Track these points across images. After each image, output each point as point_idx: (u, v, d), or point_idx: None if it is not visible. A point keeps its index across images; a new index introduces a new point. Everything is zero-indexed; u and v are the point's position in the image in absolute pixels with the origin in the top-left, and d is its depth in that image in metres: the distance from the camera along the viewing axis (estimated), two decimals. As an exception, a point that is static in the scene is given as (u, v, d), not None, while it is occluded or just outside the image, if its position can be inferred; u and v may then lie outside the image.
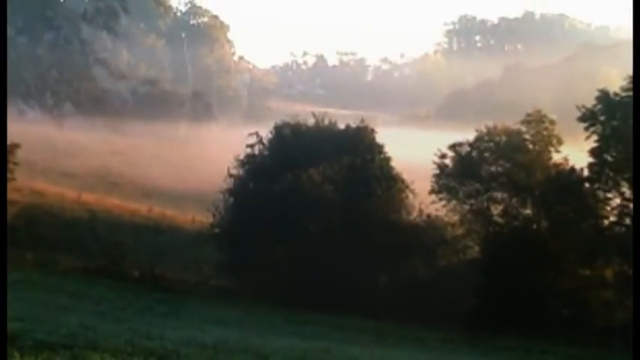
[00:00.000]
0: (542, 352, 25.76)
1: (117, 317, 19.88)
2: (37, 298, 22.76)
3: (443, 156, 42.30)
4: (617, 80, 51.29)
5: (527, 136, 42.24)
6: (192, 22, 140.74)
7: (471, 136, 42.60)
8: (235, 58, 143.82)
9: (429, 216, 42.13)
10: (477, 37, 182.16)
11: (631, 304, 37.91)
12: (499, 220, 41.45)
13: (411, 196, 42.62)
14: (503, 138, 42.08)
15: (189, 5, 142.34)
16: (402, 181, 42.69)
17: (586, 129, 40.39)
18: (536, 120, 42.61)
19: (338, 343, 19.52)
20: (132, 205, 63.61)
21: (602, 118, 40.00)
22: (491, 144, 42.11)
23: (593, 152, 40.01)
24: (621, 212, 39.14)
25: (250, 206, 40.49)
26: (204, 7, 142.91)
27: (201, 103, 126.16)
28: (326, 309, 32.75)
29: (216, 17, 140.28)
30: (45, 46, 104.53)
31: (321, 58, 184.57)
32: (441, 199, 41.75)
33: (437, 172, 42.23)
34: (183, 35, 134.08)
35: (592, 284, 38.70)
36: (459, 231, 41.88)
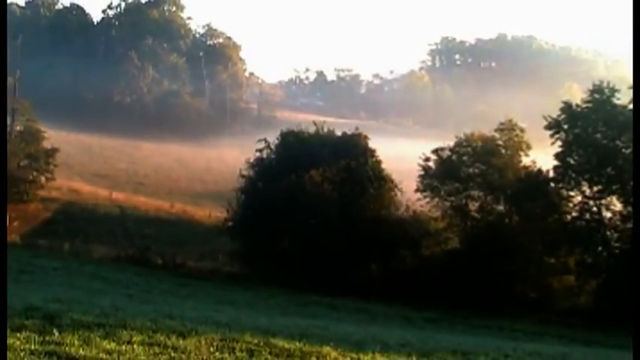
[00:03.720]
0: (512, 330, 25.71)
1: (143, 299, 19.86)
2: (74, 283, 22.75)
3: (427, 159, 42.31)
4: (578, 93, 51.25)
5: (500, 142, 42.24)
6: (209, 42, 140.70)
7: (451, 142, 42.60)
8: (246, 74, 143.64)
9: (414, 212, 42.06)
10: (457, 56, 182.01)
11: (590, 289, 38.04)
12: (476, 215, 41.47)
13: (399, 194, 42.55)
14: (480, 144, 42.07)
15: (206, 28, 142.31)
16: (392, 181, 42.61)
17: (551, 136, 40.41)
18: (508, 128, 42.60)
19: (335, 322, 19.50)
20: (156, 202, 63.61)
21: (565, 126, 40.02)
22: (469, 149, 42.11)
23: (557, 156, 40.02)
24: (582, 208, 39.15)
25: (259, 203, 40.44)
26: (219, 30, 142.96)
27: (216, 113, 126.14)
28: (325, 292, 32.70)
29: (229, 38, 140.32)
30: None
31: (321, 74, 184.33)
32: (425, 197, 41.76)
33: (422, 173, 42.24)
34: (201, 54, 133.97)
35: (556, 271, 38.71)
36: (441, 225, 41.84)
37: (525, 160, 41.78)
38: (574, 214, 39.47)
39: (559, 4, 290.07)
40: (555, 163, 40.08)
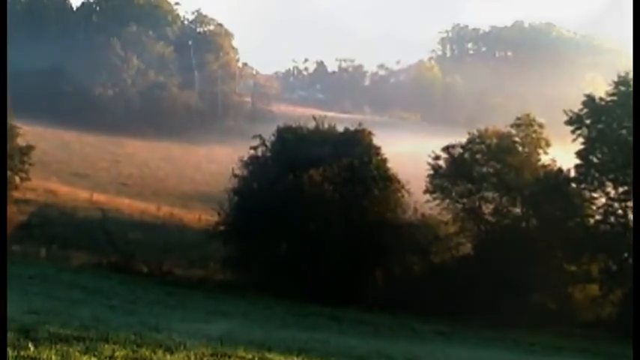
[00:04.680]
0: (530, 344, 25.73)
1: (127, 310, 19.88)
2: (51, 292, 22.75)
3: (437, 157, 42.34)
4: (602, 86, 51.28)
5: (516, 139, 42.27)
6: (198, 30, 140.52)
7: (463, 138, 42.61)
8: (239, 64, 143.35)
9: (423, 215, 42.09)
10: (469, 45, 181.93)
11: (615, 299, 38.03)
12: (490, 218, 41.49)
13: (406, 195, 42.52)
14: (494, 140, 42.10)
15: (195, 14, 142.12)
16: (398, 181, 42.60)
17: (573, 132, 40.43)
18: (525, 123, 42.62)
19: (336, 335, 19.52)
20: (141, 204, 63.56)
21: (588, 121, 40.05)
22: (483, 146, 42.13)
23: (579, 154, 40.04)
24: (606, 211, 39.17)
25: (254, 205, 40.44)
26: (210, 16, 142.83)
27: (207, 107, 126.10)
28: (325, 302, 32.72)
29: (221, 25, 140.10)
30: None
31: (321, 65, 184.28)
32: (434, 199, 41.80)
33: (431, 172, 42.28)
34: (190, 43, 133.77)
35: (578, 279, 38.75)
36: (452, 229, 41.87)
37: (544, 159, 41.84)
38: (597, 217, 39.52)
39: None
40: (577, 161, 40.13)
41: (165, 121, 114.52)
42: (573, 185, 40.25)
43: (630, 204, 38.48)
